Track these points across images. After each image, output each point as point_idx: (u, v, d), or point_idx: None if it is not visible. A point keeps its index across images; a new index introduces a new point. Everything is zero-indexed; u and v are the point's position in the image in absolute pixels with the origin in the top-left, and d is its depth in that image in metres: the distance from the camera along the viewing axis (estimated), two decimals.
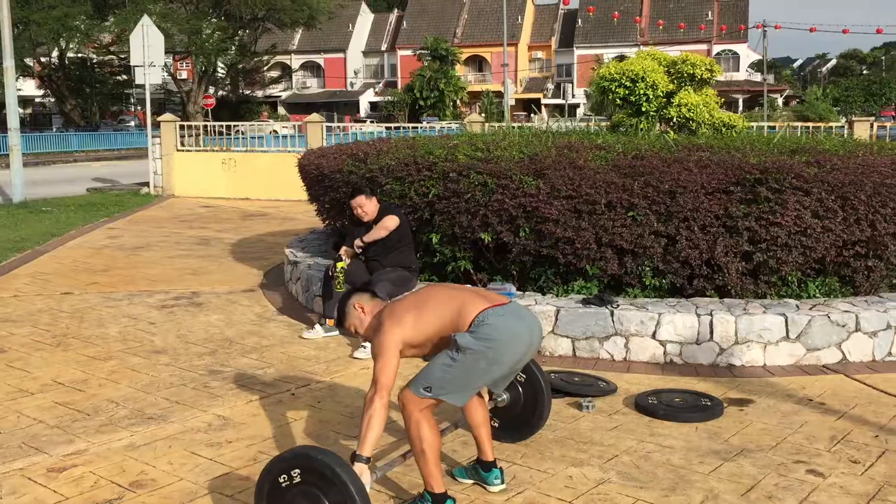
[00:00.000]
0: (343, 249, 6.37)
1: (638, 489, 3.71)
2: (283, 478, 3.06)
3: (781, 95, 60.62)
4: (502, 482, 3.69)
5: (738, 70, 59.04)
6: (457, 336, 3.31)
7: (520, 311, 3.48)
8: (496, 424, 4.05)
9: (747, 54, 60.36)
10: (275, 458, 3.17)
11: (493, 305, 3.38)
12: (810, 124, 15.96)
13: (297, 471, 3.03)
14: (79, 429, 4.42)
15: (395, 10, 69.48)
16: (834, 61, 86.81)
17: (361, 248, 6.10)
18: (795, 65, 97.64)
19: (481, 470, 3.72)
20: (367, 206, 6.08)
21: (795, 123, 15.46)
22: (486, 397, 3.85)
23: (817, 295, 6.03)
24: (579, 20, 61.18)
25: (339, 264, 6.19)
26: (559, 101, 54.66)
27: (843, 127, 15.68)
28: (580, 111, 51.80)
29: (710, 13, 58.86)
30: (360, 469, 3.08)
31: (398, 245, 6.10)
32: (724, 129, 8.13)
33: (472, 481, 3.75)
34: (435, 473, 3.35)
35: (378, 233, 6.02)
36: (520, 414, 4.12)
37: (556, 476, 3.85)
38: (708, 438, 4.30)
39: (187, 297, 7.69)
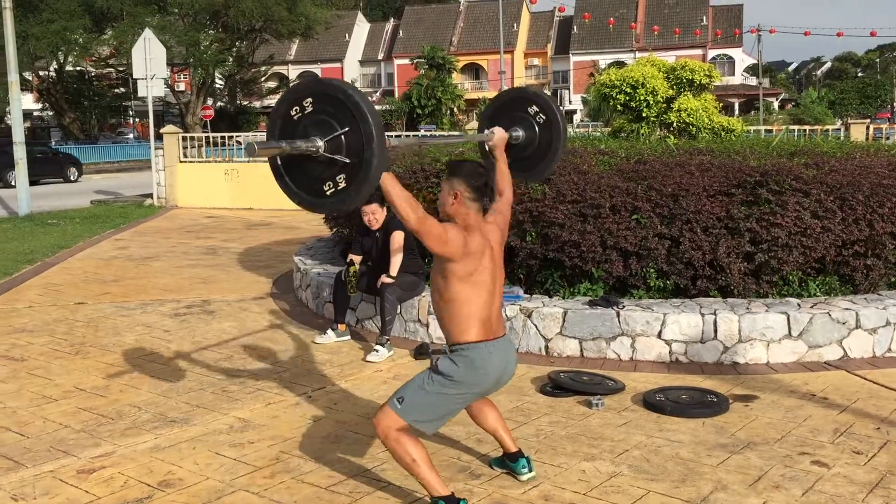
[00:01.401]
0: (351, 256, 6.51)
1: (649, 481, 3.84)
2: (296, 109, 3.00)
3: (777, 99, 60.92)
4: (530, 471, 3.84)
5: (733, 74, 59.31)
6: (439, 361, 3.44)
7: (508, 349, 3.55)
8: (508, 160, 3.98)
9: (742, 59, 60.66)
10: (288, 89, 3.09)
11: (488, 339, 3.44)
12: (807, 127, 16.14)
13: (309, 99, 2.98)
14: (104, 432, 4.56)
15: (392, 20, 69.74)
16: (829, 64, 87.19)
17: (393, 279, 6.16)
18: (791, 68, 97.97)
19: (509, 461, 3.87)
20: (378, 213, 6.24)
21: (792, 127, 15.64)
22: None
23: (818, 294, 6.18)
24: (575, 27, 61.47)
25: (352, 269, 6.33)
26: None
27: (839, 129, 15.86)
28: (577, 117, 52.03)
29: (704, 18, 59.16)
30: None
31: (405, 254, 6.24)
32: (723, 134, 8.29)
33: (505, 470, 3.91)
34: (434, 478, 3.39)
35: (398, 257, 6.13)
36: (534, 153, 4.12)
37: (570, 470, 3.98)
38: (715, 433, 4.43)
39: (199, 305, 7.82)
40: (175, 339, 6.58)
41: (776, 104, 59.06)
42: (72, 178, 28.34)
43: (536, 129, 4.08)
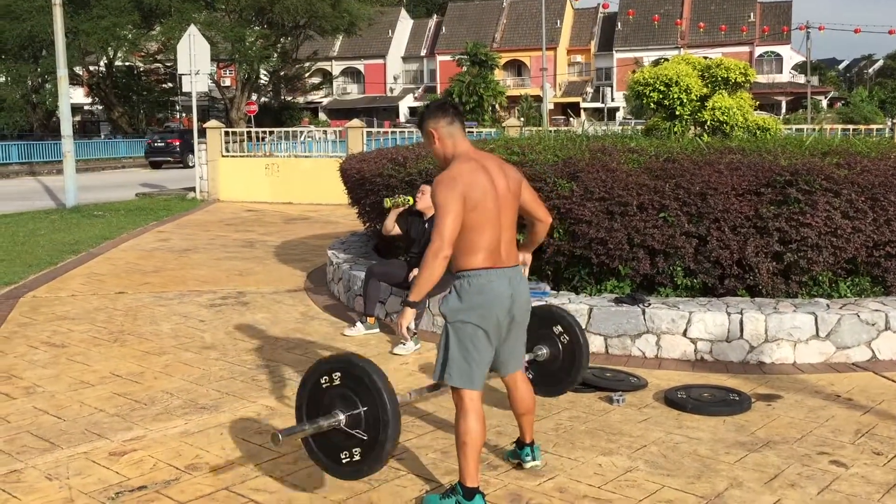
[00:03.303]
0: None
1: (664, 476, 3.88)
2: (325, 379, 3.34)
3: (826, 97, 59.78)
4: (534, 459, 3.90)
5: (781, 72, 58.34)
6: (442, 303, 3.51)
7: (514, 277, 3.51)
8: (530, 376, 4.17)
9: (790, 56, 59.61)
10: (321, 360, 3.44)
11: (493, 266, 3.43)
12: (850, 126, 15.86)
13: (339, 374, 3.31)
14: (137, 417, 4.72)
15: (434, 16, 69.87)
16: (881, 62, 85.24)
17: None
18: (841, 66, 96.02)
19: (517, 449, 3.95)
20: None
21: (836, 126, 15.39)
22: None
23: (848, 295, 6.13)
24: (619, 23, 60.96)
25: (400, 199, 6.42)
26: (598, 104, 54.52)
27: (884, 129, 15.56)
28: (619, 115, 51.64)
29: (752, 15, 58.27)
30: (410, 313, 3.44)
31: None
32: (758, 132, 8.22)
33: (516, 461, 3.98)
34: (471, 468, 3.42)
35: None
36: (556, 371, 4.35)
37: (587, 464, 4.04)
38: (735, 431, 4.45)
39: (234, 296, 8.00)
40: (209, 328, 6.75)
41: (825, 103, 57.96)
42: (189, 163, 28.26)
43: (560, 347, 4.34)
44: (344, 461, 3.39)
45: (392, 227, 6.61)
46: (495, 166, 3.56)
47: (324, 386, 3.35)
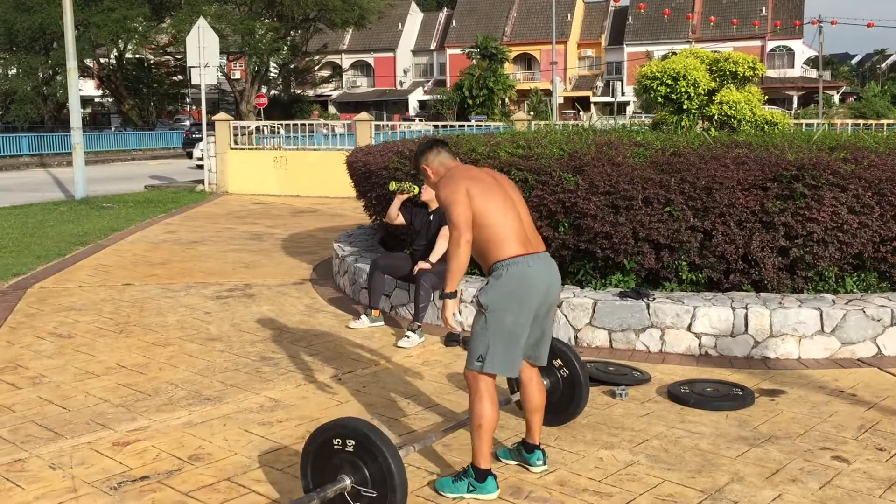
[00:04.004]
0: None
1: (665, 471, 3.88)
2: (338, 442, 3.32)
3: (838, 92, 59.41)
4: (544, 464, 3.89)
5: (792, 66, 58.03)
6: (479, 294, 3.55)
7: (548, 264, 3.66)
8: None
9: (802, 50, 59.26)
10: (338, 422, 3.39)
11: (527, 253, 3.56)
12: (861, 122, 15.75)
13: (353, 443, 3.28)
14: (141, 408, 4.75)
15: (445, 9, 69.75)
16: (894, 57, 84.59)
17: (431, 265, 6.27)
18: (854, 61, 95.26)
19: (525, 451, 3.92)
20: None
21: (846, 121, 15.29)
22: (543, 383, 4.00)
23: (855, 290, 6.10)
24: (630, 17, 60.75)
25: (406, 185, 6.46)
26: (609, 98, 54.40)
27: (895, 124, 15.43)
28: (630, 109, 51.48)
29: (763, 9, 57.94)
30: (450, 304, 3.52)
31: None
32: (766, 127, 8.18)
33: (515, 462, 3.94)
34: (485, 450, 3.55)
35: (442, 245, 6.17)
36: (557, 401, 4.34)
37: (588, 458, 4.04)
38: (737, 426, 4.44)
39: (240, 288, 8.03)
40: (215, 320, 6.78)
41: (837, 98, 57.60)
42: None
43: (560, 380, 4.36)
44: None
45: (395, 215, 6.61)
46: (487, 170, 3.83)
47: (335, 447, 3.32)
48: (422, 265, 6.25)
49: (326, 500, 3.30)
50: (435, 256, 6.25)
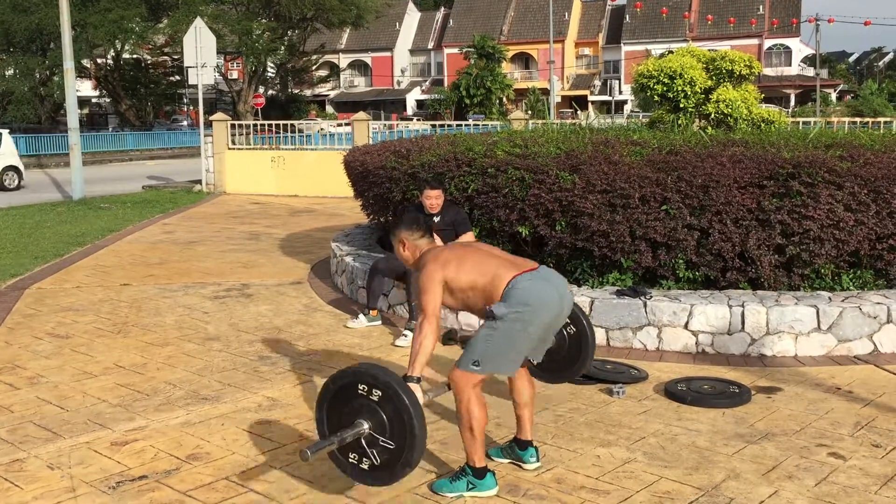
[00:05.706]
0: None
1: (662, 468, 3.89)
2: (364, 388, 3.31)
3: (835, 90, 59.47)
4: (537, 460, 3.90)
5: (790, 65, 58.06)
6: (493, 307, 3.52)
7: (548, 274, 3.67)
8: (534, 363, 4.14)
9: (800, 49, 59.29)
10: (370, 370, 3.35)
11: (522, 272, 3.57)
12: (858, 120, 15.77)
13: (380, 393, 3.28)
14: (139, 407, 4.75)
15: (442, 9, 69.71)
16: (891, 55, 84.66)
17: None
18: (851, 59, 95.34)
19: (518, 448, 3.92)
20: (441, 199, 6.19)
21: (843, 119, 15.31)
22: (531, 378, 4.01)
23: (851, 287, 6.12)
24: (627, 16, 60.75)
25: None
26: (606, 97, 54.38)
27: (892, 123, 15.46)
28: (627, 108, 51.49)
29: (761, 7, 57.97)
30: (414, 388, 3.38)
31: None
32: (763, 125, 8.20)
33: (507, 460, 3.95)
34: (479, 449, 3.57)
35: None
36: (561, 360, 4.28)
37: (585, 455, 4.05)
38: (734, 423, 4.46)
39: (238, 288, 8.04)
40: (213, 320, 6.78)
41: (834, 96, 57.66)
42: None
43: (566, 337, 4.27)
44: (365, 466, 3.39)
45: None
46: (455, 244, 4.10)
47: (359, 392, 3.32)
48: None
49: (344, 443, 3.32)
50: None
